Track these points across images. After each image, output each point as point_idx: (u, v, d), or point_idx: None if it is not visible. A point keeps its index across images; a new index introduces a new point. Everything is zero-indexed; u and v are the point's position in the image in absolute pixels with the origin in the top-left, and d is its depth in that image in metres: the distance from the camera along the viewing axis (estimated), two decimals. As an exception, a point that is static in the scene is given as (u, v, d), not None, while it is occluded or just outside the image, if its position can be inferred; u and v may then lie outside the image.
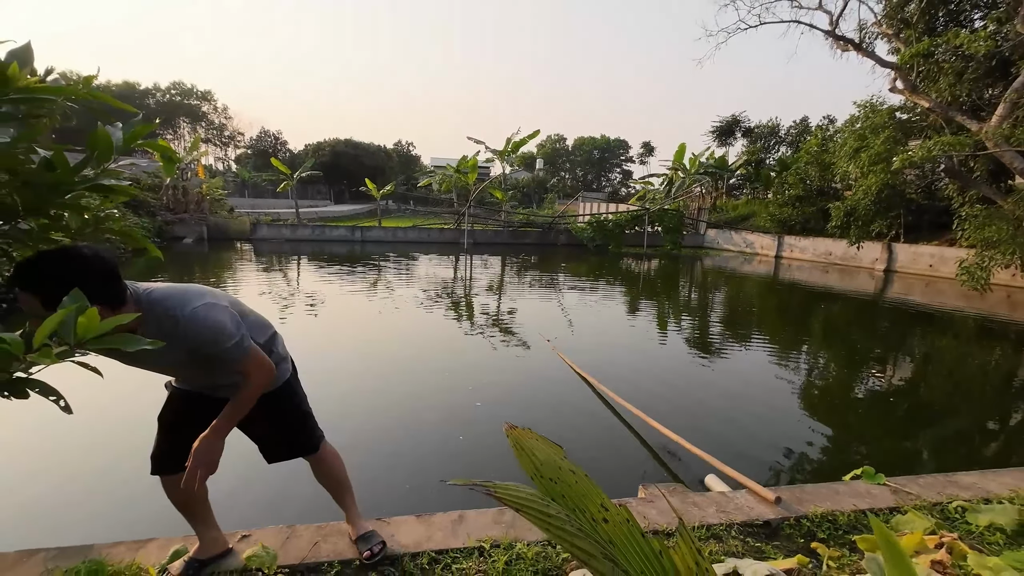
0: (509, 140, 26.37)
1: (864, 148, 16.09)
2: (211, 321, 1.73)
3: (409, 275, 16.11)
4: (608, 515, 0.75)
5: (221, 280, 13.80)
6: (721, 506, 2.85)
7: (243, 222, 24.89)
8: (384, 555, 2.26)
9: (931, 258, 18.41)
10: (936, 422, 5.97)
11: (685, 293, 15.41)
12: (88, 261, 1.51)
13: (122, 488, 3.52)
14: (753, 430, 5.27)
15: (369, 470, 4.06)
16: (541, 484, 0.77)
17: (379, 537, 2.32)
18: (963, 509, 2.83)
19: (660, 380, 6.84)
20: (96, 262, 1.53)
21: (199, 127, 67.10)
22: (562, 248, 26.36)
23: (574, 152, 79.16)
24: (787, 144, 36.78)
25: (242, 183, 45.87)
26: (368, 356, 7.44)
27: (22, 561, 2.17)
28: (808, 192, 23.40)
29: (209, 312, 1.74)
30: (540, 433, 0.86)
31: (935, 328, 11.37)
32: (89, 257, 1.52)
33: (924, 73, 16.15)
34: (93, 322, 1.18)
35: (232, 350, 1.77)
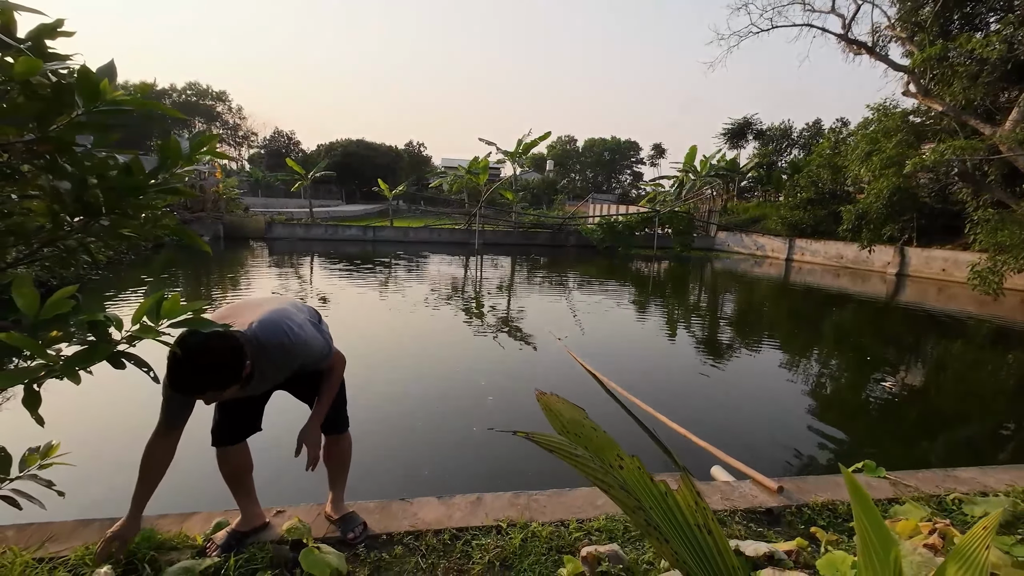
0: (520, 141, 26.55)
1: (876, 151, 16.06)
2: (312, 341, 2.08)
3: (420, 275, 16.35)
4: (623, 463, 0.92)
5: (237, 278, 14.13)
6: (726, 495, 2.99)
7: (258, 221, 25.30)
8: (366, 536, 2.41)
9: (944, 262, 18.31)
10: (942, 424, 6.04)
11: (694, 295, 15.49)
12: (239, 352, 1.80)
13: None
14: (760, 426, 5.40)
15: (387, 457, 4.25)
16: (568, 437, 0.93)
17: (360, 519, 2.48)
18: (960, 501, 2.95)
19: (669, 378, 6.98)
20: (239, 350, 1.82)
21: (214, 127, 68.08)
22: (572, 249, 26.49)
23: (584, 153, 79.21)
24: (799, 147, 36.66)
25: (255, 183, 46.47)
26: (383, 352, 7.64)
27: (79, 529, 2.37)
28: (820, 195, 23.34)
29: (304, 333, 2.04)
30: (548, 428, 1.02)
31: (946, 332, 11.36)
32: (239, 347, 1.82)
33: (938, 76, 16.09)
34: (175, 306, 1.36)
35: (327, 356, 2.20)
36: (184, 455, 3.54)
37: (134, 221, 1.79)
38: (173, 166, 1.72)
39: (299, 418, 2.34)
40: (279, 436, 2.94)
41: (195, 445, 2.34)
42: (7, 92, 1.54)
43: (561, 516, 2.63)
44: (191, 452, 2.29)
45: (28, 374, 1.14)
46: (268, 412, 2.48)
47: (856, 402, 6.59)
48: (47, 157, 1.53)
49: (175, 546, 2.26)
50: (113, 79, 1.54)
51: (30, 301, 1.31)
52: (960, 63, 15.27)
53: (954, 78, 15.82)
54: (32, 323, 1.17)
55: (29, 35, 1.58)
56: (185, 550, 2.25)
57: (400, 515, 2.62)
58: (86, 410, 4.73)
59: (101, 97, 1.48)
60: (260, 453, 3.49)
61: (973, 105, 15.67)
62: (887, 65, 16.74)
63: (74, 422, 4.46)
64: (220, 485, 2.37)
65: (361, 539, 2.38)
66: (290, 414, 4.35)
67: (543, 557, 2.31)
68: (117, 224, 1.80)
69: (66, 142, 1.50)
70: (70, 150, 1.51)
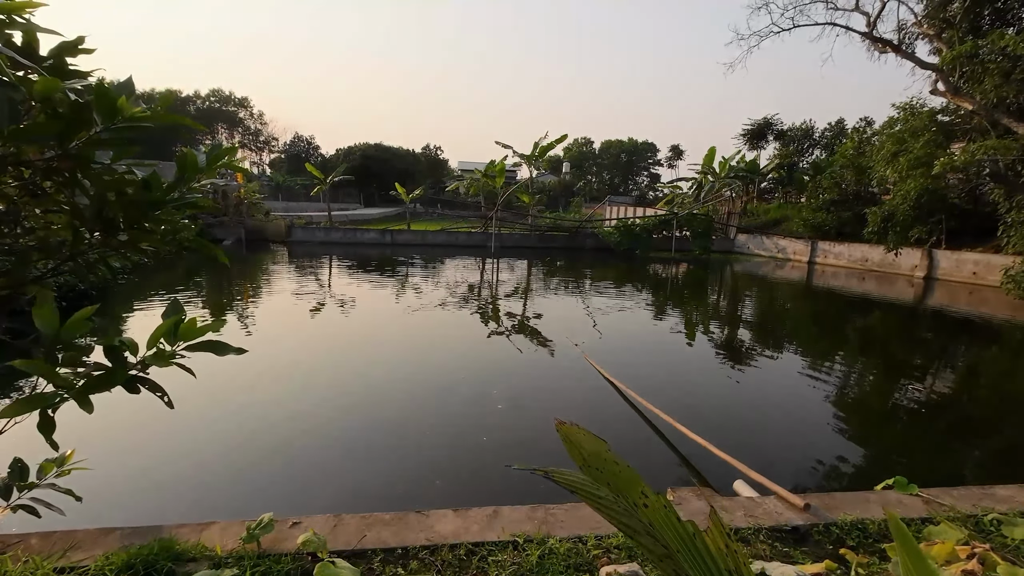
0: (536, 144, 26.52)
1: (903, 152, 15.63)
2: None
3: (437, 277, 16.40)
4: (648, 501, 0.87)
5: (259, 281, 14.35)
6: (749, 511, 2.90)
7: (279, 225, 25.70)
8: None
9: (975, 265, 17.70)
10: (977, 435, 5.81)
11: (714, 299, 15.23)
12: None
13: (187, 474, 3.79)
14: (783, 437, 5.25)
15: (398, 465, 4.24)
16: (589, 472, 0.88)
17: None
18: (999, 522, 2.81)
19: (689, 385, 6.85)
20: None
21: (236, 132, 69.56)
22: (589, 252, 26.33)
23: (601, 155, 78.83)
24: (821, 147, 35.89)
25: (276, 187, 47.30)
26: (394, 356, 7.66)
27: (102, 538, 2.39)
28: (843, 196, 22.79)
29: None
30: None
31: (979, 337, 10.96)
32: None
33: (968, 74, 15.59)
34: (192, 328, 1.35)
35: None
36: (200, 465, 3.58)
37: (152, 235, 1.80)
38: (191, 180, 1.72)
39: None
40: (294, 447, 2.95)
41: (212, 454, 2.35)
42: (30, 110, 1.56)
43: (579, 531, 2.58)
44: (207, 461, 2.30)
45: (42, 402, 1.14)
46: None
47: (884, 411, 6.38)
48: (67, 174, 1.54)
49: (193, 557, 2.27)
50: (131, 95, 1.54)
51: (49, 320, 1.32)
52: (992, 60, 14.76)
53: (985, 76, 15.30)
54: (49, 345, 1.17)
55: (51, 53, 1.60)
56: (203, 561, 2.25)
57: (416, 527, 2.59)
58: (106, 416, 4.82)
59: (119, 114, 1.48)
60: (279, 463, 3.51)
61: (1006, 103, 15.14)
62: (914, 63, 16.29)
63: (94, 428, 4.54)
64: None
65: None
66: (305, 422, 4.37)
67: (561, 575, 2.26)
68: (136, 238, 1.81)
69: (85, 159, 1.51)
70: (89, 167, 1.52)
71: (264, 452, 4.27)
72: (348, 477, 3.98)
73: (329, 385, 6.23)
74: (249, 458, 4.17)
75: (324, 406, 5.45)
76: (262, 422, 4.92)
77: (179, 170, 1.70)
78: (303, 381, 6.38)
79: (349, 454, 4.38)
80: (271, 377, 6.44)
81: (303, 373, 6.70)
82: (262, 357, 7.18)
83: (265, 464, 4.06)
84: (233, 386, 5.99)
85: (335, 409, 5.37)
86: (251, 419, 5.02)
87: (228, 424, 4.84)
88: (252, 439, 4.54)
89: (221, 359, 2.14)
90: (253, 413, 5.20)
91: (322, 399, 5.69)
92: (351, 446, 4.53)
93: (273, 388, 6.06)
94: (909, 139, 15.70)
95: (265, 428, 4.77)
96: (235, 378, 6.19)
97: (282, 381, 6.34)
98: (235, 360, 3.91)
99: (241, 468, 4.01)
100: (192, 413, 4.97)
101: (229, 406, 5.39)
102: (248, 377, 6.30)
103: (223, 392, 5.76)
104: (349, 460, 4.28)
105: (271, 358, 7.25)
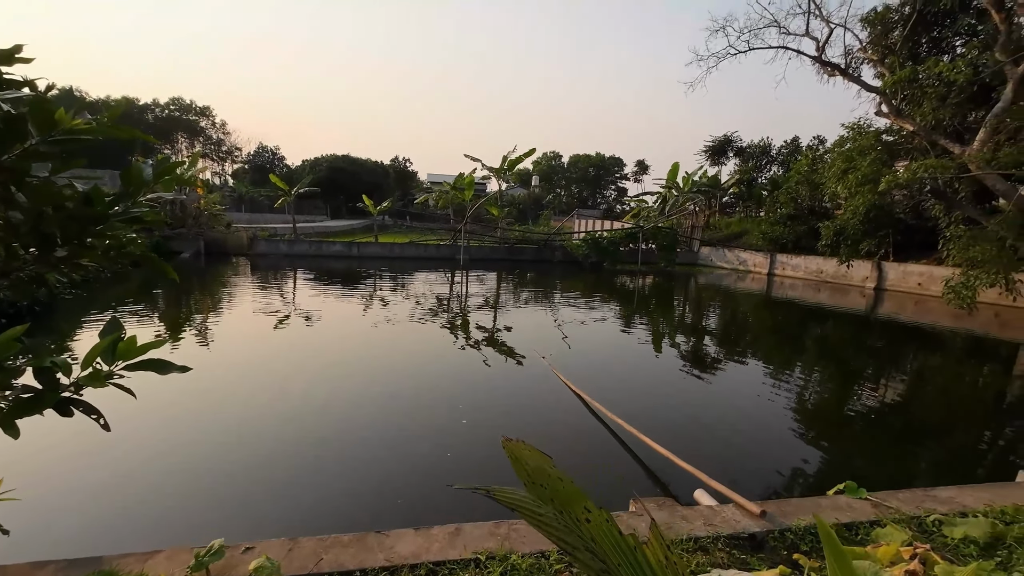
0: (505, 158, 26.74)
1: (852, 169, 16.45)
2: None
3: (405, 290, 16.22)
4: (591, 516, 0.88)
5: (218, 294, 13.86)
6: (708, 519, 2.95)
7: (241, 237, 25.00)
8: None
9: (920, 276, 18.72)
10: (921, 439, 6.09)
11: (679, 310, 15.59)
12: None
13: (130, 501, 3.59)
14: (744, 445, 5.39)
15: (360, 484, 4.15)
16: (533, 489, 0.89)
17: None
18: (940, 522, 2.95)
19: (654, 396, 6.96)
20: None
21: (197, 142, 67.56)
22: (558, 264, 26.58)
23: (569, 169, 79.98)
24: (778, 163, 37.45)
25: (239, 198, 46.09)
26: (360, 372, 7.51)
27: (33, 572, 2.24)
28: (799, 211, 23.81)
29: None
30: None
31: (924, 346, 11.56)
32: None
33: (908, 97, 16.62)
34: (132, 347, 1.30)
35: None
36: (147, 490, 3.41)
37: (94, 251, 1.73)
38: (136, 194, 1.67)
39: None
40: (249, 468, 2.85)
41: (159, 479, 2.25)
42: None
43: (542, 547, 2.57)
44: (154, 486, 2.19)
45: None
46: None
47: (838, 417, 6.63)
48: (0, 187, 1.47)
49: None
50: (71, 107, 1.49)
51: (-26, 342, 1.24)
52: (929, 85, 15.79)
53: (924, 99, 16.35)
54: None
55: (-17, 62, 1.53)
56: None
57: (376, 548, 2.53)
58: (40, 442, 4.54)
59: (57, 126, 1.43)
60: (233, 485, 3.39)
61: (943, 125, 16.18)
62: (860, 86, 17.25)
63: (25, 454, 4.27)
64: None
65: None
66: (259, 444, 4.25)
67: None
68: (75, 254, 1.73)
69: (19, 171, 1.44)
70: (24, 180, 1.46)
71: (217, 474, 4.10)
72: (306, 498, 3.86)
73: (289, 401, 6.05)
74: (201, 481, 3.99)
75: (283, 424, 5.28)
76: (215, 443, 4.73)
77: (124, 184, 1.65)
78: (263, 398, 6.18)
79: (308, 474, 4.26)
80: (227, 395, 6.21)
81: (263, 390, 6.49)
82: (218, 374, 6.93)
83: (218, 487, 3.90)
84: (185, 406, 5.75)
85: (294, 427, 5.21)
86: (203, 440, 4.82)
87: (178, 446, 4.63)
88: (204, 461, 4.35)
89: (170, 378, 2.06)
90: (205, 433, 4.99)
91: (280, 417, 5.52)
92: (310, 466, 4.40)
93: (230, 407, 5.84)
94: (857, 157, 16.56)
95: (219, 449, 4.59)
96: (187, 397, 5.95)
97: (239, 399, 6.12)
98: (188, 378, 3.81)
99: (191, 492, 3.83)
100: (137, 436, 4.72)
101: (178, 427, 5.16)
102: (201, 396, 6.06)
103: (172, 413, 5.51)
104: (308, 480, 4.15)
105: (229, 375, 7.00)
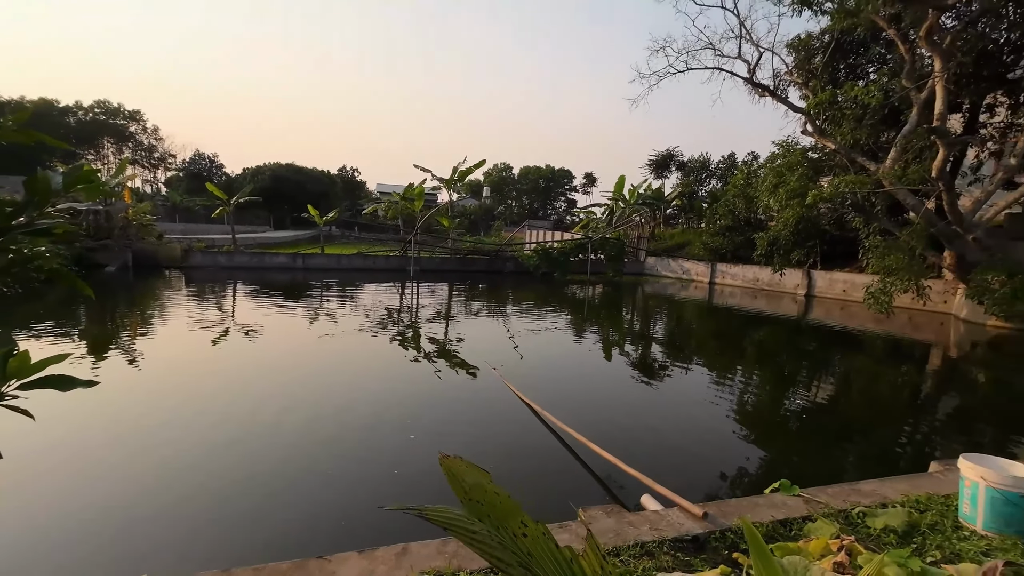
0: (456, 169, 26.75)
1: (782, 184, 17.58)
2: None
3: (354, 303, 15.80)
4: (527, 530, 0.88)
5: (149, 309, 12.97)
6: (654, 524, 3.02)
7: (173, 249, 23.61)
8: None
9: (844, 284, 20.17)
10: (849, 435, 6.52)
11: (627, 318, 16.02)
12: None
13: (42, 537, 3.25)
14: (688, 448, 5.57)
15: (303, 506, 3.97)
16: (469, 506, 0.88)
17: None
18: (864, 514, 3.15)
19: (604, 403, 7.09)
20: None
21: (126, 147, 63.40)
22: (509, 275, 26.73)
23: (520, 180, 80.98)
24: (717, 177, 39.48)
25: (173, 207, 43.58)
26: (303, 388, 7.23)
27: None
28: (736, 223, 25.14)
29: None
30: (481, 461, 0.98)
31: (850, 348, 12.42)
32: None
33: (829, 118, 18.01)
34: (24, 364, 1.19)
35: None
36: (60, 524, 3.12)
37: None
38: (43, 204, 1.54)
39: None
40: (177, 493, 2.66)
41: (75, 511, 2.06)
42: None
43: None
44: (69, 518, 2.01)
45: None
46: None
47: (775, 418, 6.99)
48: None
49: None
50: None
51: None
52: (847, 107, 17.19)
53: (843, 120, 17.78)
54: None
55: None
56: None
57: (317, 574, 2.42)
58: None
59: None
60: (160, 513, 3.17)
61: (860, 144, 17.63)
62: (787, 107, 18.52)
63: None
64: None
65: None
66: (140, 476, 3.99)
67: (470, 610, 2.20)
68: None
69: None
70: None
71: (145, 502, 3.80)
72: (242, 525, 3.65)
73: (223, 422, 5.72)
74: (127, 512, 3.69)
75: (213, 445, 4.99)
76: (141, 469, 4.40)
77: (29, 193, 1.52)
78: (193, 419, 5.81)
79: (245, 498, 4.03)
80: (157, 416, 5.80)
81: (194, 410, 6.11)
82: (148, 395, 6.47)
83: (146, 517, 3.62)
84: (106, 431, 5.32)
85: (227, 448, 4.93)
86: (128, 466, 4.47)
87: (97, 476, 4.27)
88: (130, 488, 4.03)
89: (88, 402, 1.88)
90: (131, 456, 4.63)
91: (211, 438, 5.21)
92: (248, 489, 4.17)
93: (157, 429, 5.45)
94: (786, 173, 17.74)
95: (148, 474, 4.26)
96: (110, 423, 5.51)
97: (169, 421, 5.73)
98: (111, 403, 3.53)
99: (115, 525, 3.53)
100: (47, 464, 4.32)
101: (99, 451, 4.76)
102: (126, 417, 5.63)
103: (95, 440, 5.09)
104: (245, 507, 3.93)
105: (160, 395, 6.55)
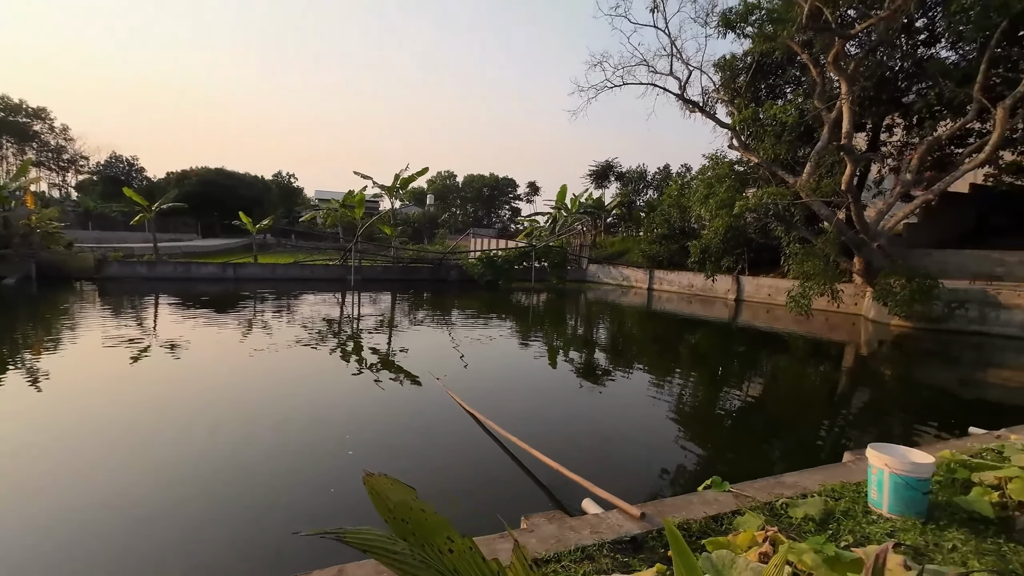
0: (398, 176, 26.34)
1: (712, 195, 18.65)
2: None
3: (290, 314, 15.12)
4: (454, 546, 0.87)
5: (55, 325, 11.79)
6: (595, 527, 3.07)
7: (85, 258, 21.67)
8: None
9: (769, 288, 21.59)
10: (775, 431, 6.95)
11: (571, 325, 16.32)
12: None
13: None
14: (628, 450, 5.73)
15: (233, 533, 3.73)
16: (394, 524, 0.86)
17: None
18: (787, 505, 3.35)
19: (548, 409, 7.16)
20: None
21: (29, 148, 57.68)
22: (454, 283, 26.55)
23: (464, 188, 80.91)
24: (653, 187, 41.22)
25: (86, 214, 40.10)
26: (233, 408, 6.82)
27: None
28: (671, 231, 26.33)
29: None
30: (424, 473, 0.95)
31: (775, 349, 13.28)
32: None
33: (752, 134, 19.31)
34: None
35: None
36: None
37: None
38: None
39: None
40: (94, 525, 2.43)
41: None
42: None
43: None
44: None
45: None
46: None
47: (709, 417, 7.33)
48: None
49: None
50: None
51: None
52: (768, 124, 18.54)
53: (764, 136, 19.12)
54: None
55: None
56: None
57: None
58: None
59: None
60: (71, 544, 2.93)
61: (780, 158, 19.02)
62: (715, 122, 19.70)
63: None
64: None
65: None
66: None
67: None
68: None
69: None
70: None
71: (57, 538, 3.43)
72: (168, 555, 3.38)
73: (142, 446, 5.29)
74: (39, 547, 3.31)
75: (131, 471, 4.60)
76: (48, 504, 3.97)
77: None
78: (109, 445, 5.33)
79: (168, 529, 3.73)
80: (65, 443, 5.27)
81: (111, 435, 5.61)
82: (54, 415, 5.87)
83: (55, 549, 3.26)
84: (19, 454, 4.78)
85: (148, 475, 4.56)
86: (28, 504, 4.03)
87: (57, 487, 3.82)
88: (36, 530, 3.63)
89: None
90: (29, 496, 4.18)
91: (129, 464, 4.80)
92: (173, 520, 3.87)
93: (65, 456, 4.96)
94: (716, 184, 18.85)
95: (50, 512, 3.85)
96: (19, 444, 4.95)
97: (79, 449, 5.22)
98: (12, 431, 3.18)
99: (21, 559, 3.16)
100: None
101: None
102: (28, 451, 5.08)
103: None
104: (170, 535, 3.64)
105: (69, 418, 5.96)
